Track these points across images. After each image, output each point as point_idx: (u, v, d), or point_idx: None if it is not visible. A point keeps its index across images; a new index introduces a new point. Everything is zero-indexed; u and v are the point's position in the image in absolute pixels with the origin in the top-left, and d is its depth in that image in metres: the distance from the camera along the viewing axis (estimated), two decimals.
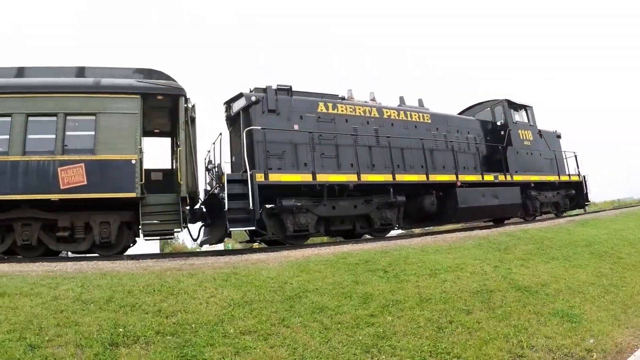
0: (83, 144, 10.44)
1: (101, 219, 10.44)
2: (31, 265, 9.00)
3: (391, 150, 12.73)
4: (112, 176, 10.20)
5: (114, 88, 10.73)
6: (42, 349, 5.53)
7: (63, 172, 10.15)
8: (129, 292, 6.98)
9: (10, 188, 10.15)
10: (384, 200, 12.39)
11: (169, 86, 11.08)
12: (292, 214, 11.24)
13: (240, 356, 5.39)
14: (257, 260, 9.06)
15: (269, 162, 11.24)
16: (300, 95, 12.45)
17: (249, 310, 6.40)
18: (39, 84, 10.75)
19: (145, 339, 5.72)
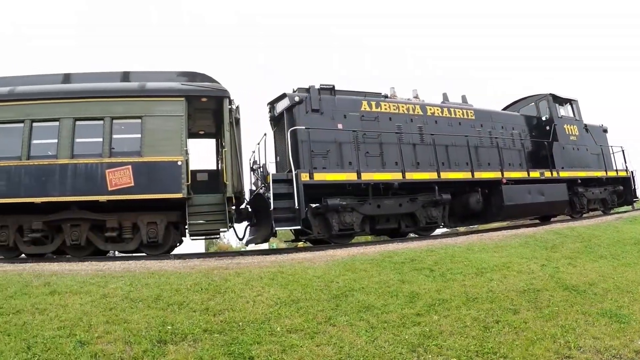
0: (130, 147, 10.71)
1: (148, 219, 10.70)
2: (80, 265, 9.29)
3: (435, 147, 12.59)
4: (158, 177, 10.43)
5: (159, 91, 10.97)
6: (91, 345, 5.74)
7: (111, 174, 10.43)
8: (177, 290, 7.14)
9: (59, 190, 10.50)
10: (429, 198, 12.27)
11: (212, 88, 11.27)
12: (337, 213, 11.25)
13: (286, 354, 5.44)
14: (303, 259, 9.13)
15: (314, 161, 11.30)
16: (343, 95, 12.43)
17: (295, 308, 6.46)
18: (86, 90, 11.09)
19: (193, 336, 5.85)
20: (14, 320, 6.36)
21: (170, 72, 11.76)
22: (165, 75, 11.64)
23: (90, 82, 11.39)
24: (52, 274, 8.30)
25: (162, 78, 11.51)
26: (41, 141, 10.90)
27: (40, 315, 6.48)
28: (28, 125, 10.88)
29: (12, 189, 10.61)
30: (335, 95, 12.21)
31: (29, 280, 7.94)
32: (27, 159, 10.71)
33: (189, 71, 11.77)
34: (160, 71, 11.81)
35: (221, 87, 11.32)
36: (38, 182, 10.54)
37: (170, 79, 11.53)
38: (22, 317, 6.44)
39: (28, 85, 11.54)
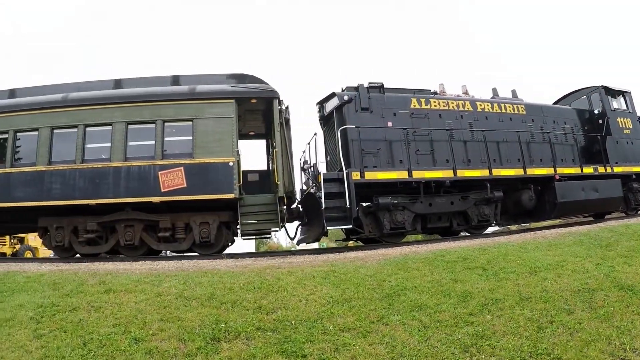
0: (182, 149, 10.97)
1: (201, 220, 10.91)
2: (134, 264, 9.61)
3: (487, 144, 12.43)
4: (210, 178, 10.64)
5: (209, 94, 11.20)
6: (146, 342, 5.99)
7: (163, 175, 10.70)
8: (230, 289, 7.30)
9: (113, 192, 10.85)
10: (481, 196, 12.12)
11: (262, 89, 11.44)
12: (388, 211, 11.26)
13: (339, 353, 5.52)
14: (355, 258, 9.19)
15: (364, 160, 11.32)
16: (392, 92, 12.41)
17: (348, 307, 6.53)
18: (137, 94, 11.44)
19: (246, 334, 5.98)
20: (70, 318, 6.64)
21: (220, 75, 12.00)
22: (214, 78, 11.89)
23: (141, 87, 11.74)
24: (107, 273, 8.61)
25: (212, 81, 11.77)
26: (95, 145, 11.30)
27: (96, 313, 6.76)
28: (82, 130, 11.28)
29: (67, 192, 11.03)
30: (384, 93, 12.20)
31: (84, 279, 8.26)
32: (81, 162, 11.12)
33: (238, 73, 12.00)
34: (210, 74, 12.09)
35: (270, 88, 11.48)
36: (92, 185, 10.92)
37: (219, 81, 11.77)
38: (78, 315, 6.73)
39: (80, 91, 11.98)
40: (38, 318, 6.70)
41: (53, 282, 8.19)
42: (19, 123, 11.77)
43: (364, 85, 12.12)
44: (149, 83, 11.89)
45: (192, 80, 11.88)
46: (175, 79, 12.00)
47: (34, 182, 11.26)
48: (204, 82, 11.72)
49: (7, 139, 11.79)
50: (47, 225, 11.60)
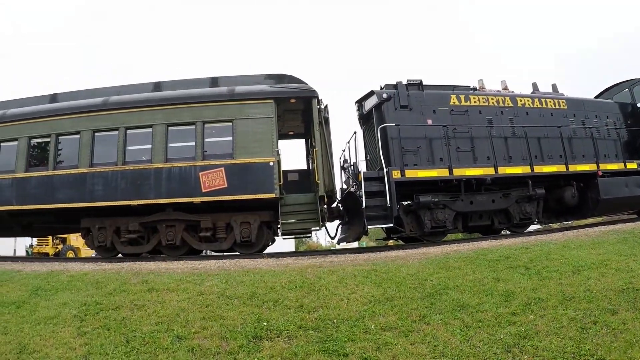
0: (222, 149, 11.17)
1: (242, 219, 11.10)
2: (176, 264, 9.77)
3: (528, 140, 12.28)
4: (251, 178, 10.80)
5: (249, 95, 11.37)
6: (188, 340, 6.08)
7: (204, 176, 10.90)
8: (271, 288, 7.39)
9: (155, 193, 11.11)
10: (522, 193, 11.97)
11: (301, 89, 11.56)
12: (429, 210, 11.23)
13: (381, 352, 5.51)
14: (396, 257, 9.20)
15: (405, 158, 11.32)
16: (431, 89, 12.37)
17: (389, 306, 6.54)
18: (177, 96, 11.68)
19: (288, 333, 6.03)
20: (114, 316, 6.82)
21: (258, 75, 12.19)
22: (253, 79, 12.07)
23: (180, 89, 11.98)
24: (149, 272, 8.81)
25: (251, 81, 11.94)
26: (135, 147, 11.60)
27: (139, 311, 6.92)
28: (123, 133, 11.58)
29: (109, 193, 11.34)
30: (423, 90, 12.17)
31: (127, 278, 8.47)
32: (122, 164, 11.41)
33: (277, 73, 12.16)
34: (248, 75, 12.29)
35: (309, 88, 11.58)
36: (134, 186, 11.20)
37: (258, 81, 11.93)
38: (121, 313, 6.91)
39: (120, 95, 12.27)
40: (82, 316, 6.91)
41: (96, 281, 8.42)
42: (60, 127, 12.14)
43: (402, 83, 12.10)
44: (188, 85, 12.13)
45: (231, 81, 12.06)
46: (214, 81, 12.21)
47: (76, 184, 11.59)
48: (243, 82, 11.88)
49: (50, 142, 12.13)
50: (89, 225, 11.95)
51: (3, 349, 6.18)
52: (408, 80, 12.17)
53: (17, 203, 12.08)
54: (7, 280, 9.01)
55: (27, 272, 9.59)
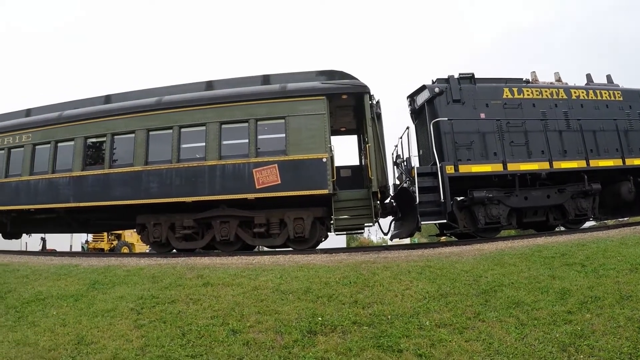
0: (275, 146, 11.40)
1: (295, 215, 11.29)
2: (230, 259, 10.08)
3: (583, 133, 12.11)
4: (304, 175, 10.99)
5: (300, 91, 11.57)
6: (243, 333, 6.25)
7: (257, 173, 11.17)
8: (326, 283, 7.55)
9: (209, 190, 11.43)
10: (578, 188, 11.80)
11: (352, 85, 11.67)
12: (483, 205, 11.25)
13: (435, 349, 5.54)
14: (450, 254, 9.25)
15: (458, 153, 11.40)
16: (483, 82, 12.35)
17: (444, 303, 6.58)
18: (230, 95, 11.98)
19: (342, 328, 6.13)
20: (170, 309, 7.10)
21: (309, 72, 12.37)
22: (304, 76, 12.27)
23: (232, 87, 12.29)
24: (204, 267, 9.09)
25: (302, 78, 12.15)
26: (189, 145, 11.97)
27: (194, 305, 7.19)
28: (177, 131, 11.95)
29: (164, 190, 11.75)
30: (475, 84, 12.19)
31: (182, 273, 8.78)
32: (177, 162, 11.78)
33: (328, 70, 12.33)
34: (299, 72, 12.47)
35: (360, 83, 11.67)
36: (188, 183, 11.56)
37: (309, 78, 12.13)
38: (176, 307, 7.18)
39: (173, 94, 12.66)
40: (138, 309, 7.21)
41: (152, 275, 8.78)
42: (115, 126, 12.63)
43: (454, 77, 12.15)
44: (240, 83, 12.44)
45: (282, 78, 12.31)
46: (265, 78, 12.48)
47: (131, 182, 12.05)
48: (294, 80, 12.11)
49: (105, 141, 12.58)
50: (145, 222, 12.42)
51: (62, 340, 6.48)
52: (460, 74, 12.19)
53: (74, 200, 12.63)
54: (65, 274, 9.47)
55: (84, 267, 10.04)
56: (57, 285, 8.77)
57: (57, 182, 12.98)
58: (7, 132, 14.36)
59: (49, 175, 13.15)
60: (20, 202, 13.49)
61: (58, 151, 13.34)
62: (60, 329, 6.82)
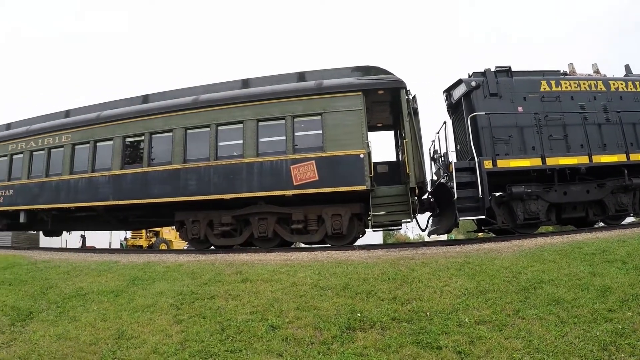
0: (312, 143, 11.59)
1: (333, 212, 11.45)
2: (268, 255, 10.25)
3: (623, 126, 11.93)
4: (342, 171, 11.12)
5: (336, 88, 11.70)
6: (282, 329, 6.34)
7: (295, 169, 11.36)
8: (364, 279, 7.63)
9: (247, 187, 11.69)
10: (618, 183, 11.64)
11: (388, 80, 11.75)
12: (522, 201, 11.17)
13: (474, 346, 5.54)
14: (489, 250, 9.22)
15: (496, 147, 11.29)
16: (520, 75, 12.15)
17: (483, 300, 6.56)
18: (266, 92, 12.20)
19: (381, 324, 6.18)
20: (209, 305, 7.30)
21: (345, 68, 12.52)
22: (340, 72, 12.41)
23: (268, 85, 12.52)
24: (242, 264, 9.29)
25: (337, 75, 12.29)
26: (227, 143, 12.26)
27: (233, 301, 7.38)
28: (214, 129, 12.25)
29: (203, 187, 12.05)
30: (512, 77, 12.09)
31: (221, 269, 9.00)
32: (215, 159, 12.09)
33: (363, 65, 12.44)
34: (335, 68, 12.63)
35: (396, 78, 11.75)
36: (226, 180, 11.85)
37: (345, 74, 12.26)
38: (216, 302, 7.38)
39: (209, 93, 12.93)
40: (178, 305, 7.45)
41: (191, 271, 9.00)
42: (153, 125, 13.02)
43: (491, 70, 12.09)
44: (275, 81, 12.69)
45: (318, 75, 12.49)
46: (301, 75, 12.69)
47: (170, 180, 12.41)
48: (329, 76, 12.26)
49: (143, 140, 12.92)
50: (183, 219, 12.76)
51: (102, 335, 6.77)
52: (496, 67, 12.12)
53: (113, 199, 13.07)
54: (105, 270, 9.83)
55: (124, 263, 10.38)
56: (97, 281, 9.10)
57: (96, 180, 13.44)
58: (47, 133, 14.91)
59: (88, 174, 13.60)
60: (61, 200, 13.99)
61: (97, 151, 13.80)
62: (100, 324, 7.12)
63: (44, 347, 6.68)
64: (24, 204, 14.81)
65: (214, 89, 13.15)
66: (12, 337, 7.24)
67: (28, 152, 15.17)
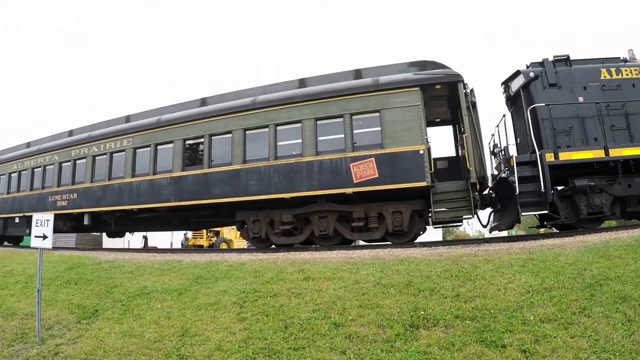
0: (371, 140, 11.84)
1: (394, 209, 11.69)
2: (330, 253, 10.50)
3: None
4: (402, 167, 11.32)
5: (393, 84, 11.91)
6: (345, 327, 6.44)
7: (355, 167, 11.65)
8: (427, 277, 7.71)
9: (307, 185, 12.07)
10: None
11: (445, 74, 11.89)
12: (585, 195, 11.13)
13: (539, 344, 5.49)
14: (553, 246, 9.11)
15: (557, 140, 11.29)
16: (579, 64, 12.16)
17: (548, 297, 6.49)
18: (324, 91, 12.57)
19: (445, 322, 6.19)
20: (272, 303, 7.56)
21: (401, 64, 12.81)
22: (395, 68, 12.71)
23: (324, 84, 12.93)
24: (304, 262, 9.52)
25: (394, 71, 12.58)
26: (286, 142, 12.70)
27: (296, 299, 7.60)
28: (273, 129, 12.71)
29: (263, 187, 12.54)
30: (571, 66, 12.04)
31: (283, 267, 9.26)
32: (274, 159, 12.54)
33: (419, 60, 12.68)
34: (391, 64, 12.93)
35: (453, 72, 11.88)
36: (286, 180, 12.29)
37: (401, 70, 12.55)
38: (278, 300, 7.64)
39: (267, 94, 13.44)
40: (241, 303, 7.70)
41: (254, 270, 9.31)
42: (213, 127, 13.66)
43: (549, 60, 12.06)
44: (331, 79, 13.12)
45: (374, 72, 12.79)
46: (357, 73, 13.05)
47: (230, 180, 12.97)
48: (386, 73, 12.53)
49: (203, 142, 13.49)
50: (244, 218, 13.33)
51: (167, 332, 7.13)
52: (554, 56, 12.06)
53: (175, 200, 13.74)
54: (169, 269, 10.32)
55: (187, 263, 10.84)
56: (161, 280, 9.56)
57: (158, 182, 14.17)
58: (109, 138, 15.81)
59: (150, 176, 14.37)
60: (124, 202, 14.81)
61: (158, 153, 14.50)
62: (165, 322, 7.47)
63: (110, 343, 7.06)
64: (88, 207, 15.73)
65: (271, 90, 13.68)
66: (79, 334, 7.71)
67: (90, 157, 16.12)
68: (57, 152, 17.48)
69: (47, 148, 18.14)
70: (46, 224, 8.25)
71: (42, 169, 17.93)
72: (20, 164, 19.08)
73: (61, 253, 14.66)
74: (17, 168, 19.21)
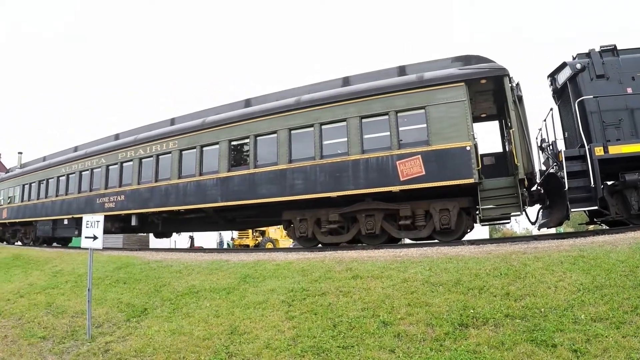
0: (417, 137, 11.98)
1: (441, 207, 11.82)
2: (377, 252, 10.66)
3: None
4: (448, 164, 11.40)
5: (438, 80, 11.99)
6: (394, 325, 6.52)
7: (401, 165, 11.82)
8: (476, 275, 7.73)
9: (353, 184, 12.33)
10: None
11: (490, 68, 11.86)
12: (636, 189, 10.93)
13: (590, 344, 5.44)
14: (604, 243, 8.98)
15: (606, 133, 11.04)
16: (626, 54, 11.84)
17: (599, 295, 6.42)
18: (368, 89, 12.80)
19: (494, 321, 6.20)
20: (320, 301, 7.64)
21: (445, 60, 12.93)
22: (440, 63, 12.81)
23: (368, 82, 13.18)
24: (352, 260, 9.67)
25: (438, 66, 12.67)
26: (331, 141, 13.00)
27: (344, 297, 7.65)
28: (318, 128, 13.05)
29: (309, 186, 12.88)
30: (618, 56, 11.76)
31: (331, 266, 9.44)
32: (320, 158, 12.88)
33: (463, 55, 12.72)
34: (435, 60, 13.07)
35: (499, 66, 11.82)
36: (332, 178, 12.59)
37: (445, 66, 12.63)
38: (327, 299, 7.70)
39: (311, 93, 13.81)
40: (289, 301, 7.86)
41: (302, 269, 9.54)
42: (258, 128, 14.12)
43: (595, 50, 11.90)
44: (375, 77, 13.33)
45: (418, 68, 12.93)
46: (401, 70, 13.26)
47: (276, 180, 13.39)
48: (430, 69, 12.63)
49: (248, 143, 13.92)
50: (291, 218, 13.76)
51: (216, 330, 7.41)
52: (601, 47, 11.89)
53: (222, 200, 14.25)
54: (217, 269, 10.67)
55: (234, 262, 11.18)
56: (209, 279, 9.91)
57: (204, 183, 14.72)
58: (155, 141, 16.49)
59: (196, 177, 14.94)
60: (170, 203, 15.43)
61: (204, 155, 15.06)
62: (213, 320, 7.70)
63: (159, 341, 7.34)
64: (136, 208, 16.42)
65: (315, 89, 14.05)
66: (128, 332, 8.02)
67: (137, 160, 16.82)
68: (104, 155, 18.33)
69: (94, 152, 19.05)
70: (96, 225, 8.69)
71: (89, 172, 18.85)
72: (68, 168, 20.08)
73: (109, 253, 15.33)
74: (65, 171, 20.20)
